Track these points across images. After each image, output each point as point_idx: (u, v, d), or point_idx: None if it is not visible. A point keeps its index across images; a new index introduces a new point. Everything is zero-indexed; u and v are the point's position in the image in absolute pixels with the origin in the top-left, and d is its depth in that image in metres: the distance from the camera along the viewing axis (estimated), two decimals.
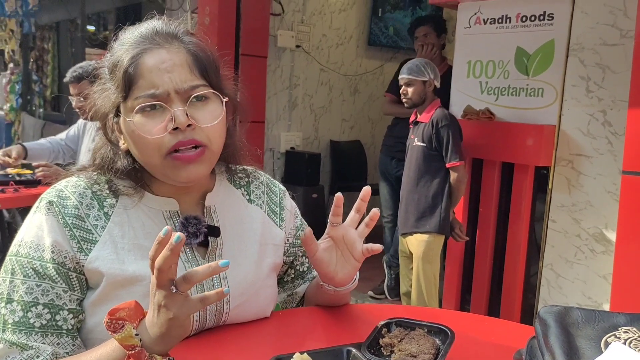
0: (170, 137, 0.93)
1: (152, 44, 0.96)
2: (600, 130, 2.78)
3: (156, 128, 0.93)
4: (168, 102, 0.94)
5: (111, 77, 0.98)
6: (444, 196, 2.95)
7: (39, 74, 6.18)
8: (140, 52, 0.94)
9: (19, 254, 0.94)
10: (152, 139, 0.93)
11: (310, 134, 5.32)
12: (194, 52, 0.98)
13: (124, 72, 0.94)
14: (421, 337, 0.93)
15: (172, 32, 0.99)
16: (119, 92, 0.95)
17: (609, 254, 2.75)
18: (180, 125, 0.92)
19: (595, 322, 0.85)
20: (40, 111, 6.05)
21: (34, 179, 2.82)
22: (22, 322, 0.90)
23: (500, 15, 3.12)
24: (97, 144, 1.05)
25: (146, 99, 0.93)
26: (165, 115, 0.93)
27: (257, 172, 1.21)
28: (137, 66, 0.93)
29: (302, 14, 5.02)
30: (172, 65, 0.94)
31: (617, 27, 2.70)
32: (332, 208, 1.04)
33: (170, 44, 0.96)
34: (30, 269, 0.92)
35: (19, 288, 0.91)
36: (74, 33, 5.86)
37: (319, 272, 1.08)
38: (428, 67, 2.98)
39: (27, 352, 0.89)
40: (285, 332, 1.03)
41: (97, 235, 0.96)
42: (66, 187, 0.99)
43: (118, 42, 1.00)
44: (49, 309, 0.92)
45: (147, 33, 0.98)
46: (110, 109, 0.98)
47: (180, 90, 0.94)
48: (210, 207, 1.07)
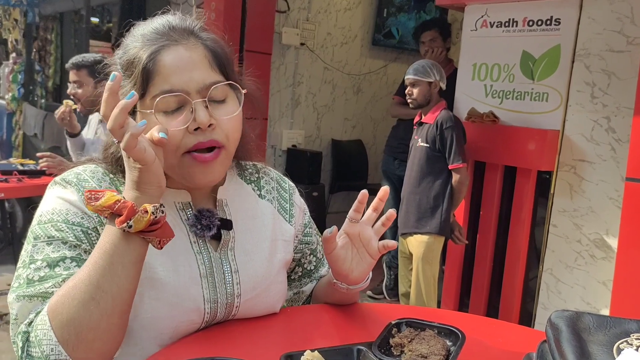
0: (190, 137, 0.93)
1: (169, 40, 0.95)
2: (604, 137, 2.79)
3: (175, 123, 0.92)
4: (189, 102, 0.93)
5: (127, 75, 0.96)
6: (446, 198, 2.96)
7: (41, 65, 6.16)
8: (158, 49, 0.93)
9: (41, 222, 0.92)
10: (172, 137, 0.91)
11: (312, 132, 5.32)
12: (211, 47, 0.97)
13: (142, 69, 0.92)
14: (432, 338, 0.93)
15: (188, 28, 0.98)
16: (137, 89, 0.93)
17: (609, 260, 2.76)
18: (202, 125, 0.92)
19: (606, 327, 0.86)
20: (42, 102, 6.04)
21: (37, 169, 2.81)
22: (49, 276, 0.88)
23: (507, 19, 3.12)
24: (107, 141, 1.04)
25: (166, 99, 0.92)
26: (187, 113, 0.93)
27: (266, 168, 1.21)
28: (156, 63, 0.92)
29: (308, 12, 5.02)
30: (191, 63, 0.94)
31: (624, 33, 2.71)
32: (354, 203, 1.04)
33: (187, 40, 0.96)
34: (55, 230, 0.91)
35: (43, 249, 0.90)
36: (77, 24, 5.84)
37: (334, 269, 1.08)
38: (434, 68, 2.99)
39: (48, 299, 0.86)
40: (294, 328, 1.03)
41: None
42: (84, 172, 0.99)
43: (130, 39, 0.98)
44: (77, 263, 0.90)
45: (162, 29, 0.96)
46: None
47: (200, 88, 0.93)
48: (222, 201, 1.08)
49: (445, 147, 2.91)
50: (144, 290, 0.94)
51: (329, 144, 5.45)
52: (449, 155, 2.91)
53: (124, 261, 0.83)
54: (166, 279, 0.94)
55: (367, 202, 1.07)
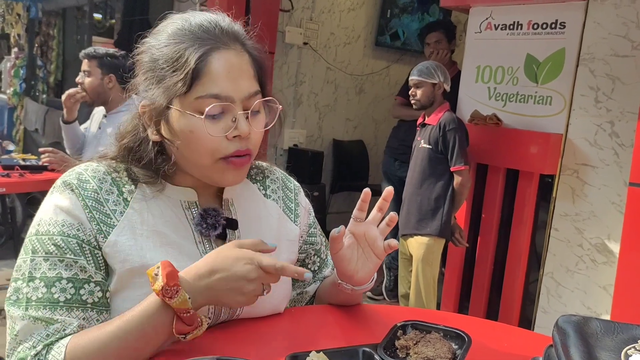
0: (228, 144, 0.95)
1: (218, 42, 0.94)
2: (607, 141, 2.79)
3: (216, 129, 0.93)
4: (232, 109, 0.94)
5: (171, 67, 0.94)
6: (447, 200, 2.95)
7: (43, 60, 6.15)
8: (209, 51, 0.93)
9: (39, 233, 0.93)
10: (210, 141, 0.93)
11: (314, 131, 5.32)
12: (256, 57, 0.99)
13: (192, 69, 0.91)
14: (437, 340, 0.93)
15: (236, 33, 0.98)
16: (182, 85, 0.92)
17: (610, 265, 2.76)
18: (243, 133, 0.94)
19: (614, 333, 0.85)
20: (44, 97, 6.03)
21: (39, 164, 2.80)
22: (46, 298, 0.89)
23: (512, 22, 3.12)
24: (124, 129, 1.03)
25: (212, 102, 0.92)
26: (228, 120, 0.94)
27: (272, 168, 1.21)
28: (206, 65, 0.92)
29: (312, 11, 5.02)
30: (240, 70, 0.95)
31: (629, 38, 2.70)
32: (358, 203, 1.04)
33: (235, 46, 0.96)
34: (52, 245, 0.91)
35: (41, 265, 0.90)
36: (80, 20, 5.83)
37: (339, 269, 1.07)
38: (439, 69, 2.98)
39: (53, 326, 0.87)
40: (298, 329, 1.03)
41: (116, 220, 0.95)
42: (85, 171, 0.98)
43: (173, 32, 0.96)
44: (72, 284, 0.90)
45: (211, 28, 0.95)
46: (165, 100, 0.94)
47: (245, 97, 0.95)
48: (228, 200, 1.07)
49: (448, 149, 2.91)
50: (148, 290, 0.93)
51: (331, 144, 5.45)
52: (451, 157, 2.91)
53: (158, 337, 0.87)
54: None
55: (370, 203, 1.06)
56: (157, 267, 0.85)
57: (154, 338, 0.86)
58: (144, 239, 0.96)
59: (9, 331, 0.89)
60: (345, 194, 5.46)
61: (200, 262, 0.89)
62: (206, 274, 0.87)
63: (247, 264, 0.88)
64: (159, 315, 0.85)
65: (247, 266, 0.87)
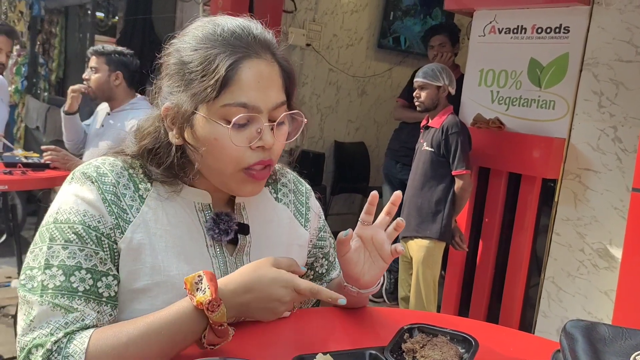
0: (251, 154, 0.94)
1: (250, 50, 0.93)
2: (610, 146, 2.78)
3: (241, 139, 0.93)
4: (258, 120, 0.93)
5: (201, 72, 0.92)
6: (447, 203, 2.95)
7: (45, 58, 6.15)
8: (240, 59, 0.92)
9: (58, 221, 0.91)
10: (235, 150, 0.92)
11: (315, 133, 5.32)
12: (285, 68, 0.98)
13: (222, 76, 0.90)
14: (444, 344, 0.93)
15: (268, 42, 0.97)
16: (210, 91, 0.91)
17: (612, 270, 2.76)
18: (267, 145, 0.94)
19: (622, 338, 0.85)
20: (45, 95, 6.02)
21: (41, 162, 2.80)
22: (64, 287, 0.87)
23: (516, 26, 3.12)
24: (144, 129, 1.01)
25: (239, 111, 0.91)
26: (253, 130, 0.93)
27: (284, 170, 1.20)
28: (236, 73, 0.91)
29: (315, 13, 5.02)
30: (270, 81, 0.94)
31: (633, 43, 2.70)
32: (365, 206, 1.04)
33: (266, 55, 0.95)
34: (72, 233, 0.90)
35: (59, 253, 0.88)
36: (83, 18, 5.83)
37: (346, 272, 1.07)
38: (444, 72, 2.99)
39: (72, 314, 0.86)
40: (304, 331, 1.02)
41: (132, 215, 0.95)
42: (103, 165, 0.97)
43: (204, 37, 0.94)
44: (91, 275, 0.89)
45: (244, 35, 0.94)
46: (191, 105, 0.93)
47: (271, 108, 0.94)
48: (240, 204, 1.07)
49: (450, 152, 2.90)
50: (159, 294, 0.93)
51: (332, 145, 5.45)
52: (452, 161, 2.91)
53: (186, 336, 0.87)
54: (180, 282, 0.93)
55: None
56: (198, 276, 0.85)
57: (181, 343, 0.86)
58: (157, 238, 0.96)
59: (24, 317, 0.86)
60: (346, 195, 5.46)
61: (237, 276, 0.89)
62: (242, 291, 0.87)
63: (283, 287, 0.88)
64: (194, 324, 0.85)
65: (283, 290, 0.88)
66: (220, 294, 0.84)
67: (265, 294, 0.87)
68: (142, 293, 0.93)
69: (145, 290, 0.93)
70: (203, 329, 0.85)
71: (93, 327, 0.87)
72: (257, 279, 0.88)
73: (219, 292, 0.84)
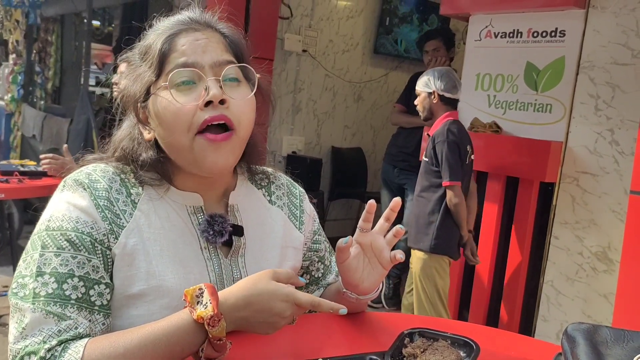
0: (201, 113, 0.92)
1: (185, 26, 0.97)
2: (607, 149, 2.79)
3: (189, 100, 0.92)
4: (203, 79, 0.93)
5: (143, 59, 0.98)
6: (440, 215, 2.79)
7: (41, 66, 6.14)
8: (175, 33, 0.96)
9: (50, 228, 0.90)
10: (183, 113, 0.92)
11: (312, 138, 5.32)
12: (228, 35, 1.00)
13: (158, 50, 0.94)
14: (445, 348, 0.92)
15: (208, 21, 1.00)
16: (152, 70, 0.95)
17: (611, 273, 2.75)
18: (214, 98, 0.92)
19: (624, 341, 0.84)
20: (42, 103, 6.01)
21: (38, 170, 2.79)
22: (56, 294, 0.85)
23: (512, 30, 3.12)
24: (118, 134, 1.03)
25: (180, 72, 0.93)
26: (199, 90, 0.93)
27: (277, 174, 1.20)
28: (171, 43, 0.94)
29: (310, 19, 5.03)
30: (207, 42, 0.96)
31: (629, 46, 2.71)
32: (363, 214, 1.03)
33: (206, 29, 0.98)
34: (65, 240, 0.88)
35: (51, 260, 0.87)
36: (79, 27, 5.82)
37: (345, 279, 1.06)
38: (435, 77, 2.86)
39: (65, 322, 0.84)
40: (303, 336, 1.01)
41: (125, 221, 0.94)
42: (94, 171, 0.97)
43: (151, 30, 1.00)
44: (84, 282, 0.88)
45: (183, 19, 0.99)
46: (141, 91, 0.96)
47: (214, 64, 0.94)
48: (234, 206, 1.06)
49: (440, 162, 2.78)
50: (155, 298, 0.92)
51: (329, 151, 5.44)
52: (443, 172, 2.77)
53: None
54: (176, 286, 0.92)
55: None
56: (199, 289, 0.84)
57: (179, 355, 0.85)
58: (152, 242, 0.95)
59: (16, 325, 0.84)
60: (344, 201, 5.45)
61: (236, 290, 0.87)
62: (242, 305, 0.86)
63: (283, 301, 0.87)
64: (192, 337, 0.84)
65: (284, 304, 0.87)
66: (220, 308, 0.83)
67: (265, 309, 0.86)
68: (138, 298, 0.92)
69: (141, 295, 0.92)
70: (201, 342, 0.84)
71: (86, 336, 0.85)
72: (257, 294, 0.86)
73: (220, 304, 0.83)
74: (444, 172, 2.75)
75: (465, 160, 2.81)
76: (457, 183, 2.72)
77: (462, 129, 2.84)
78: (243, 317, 0.86)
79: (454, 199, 2.73)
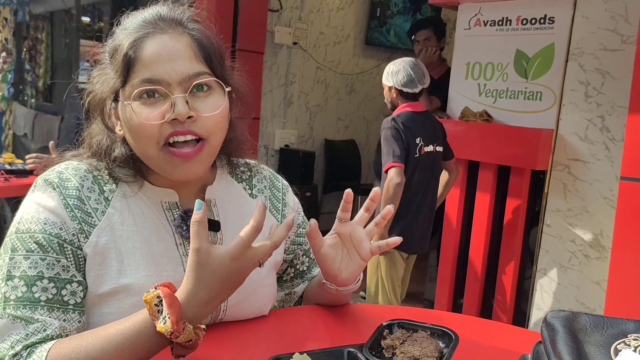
0: (167, 127, 0.90)
1: (155, 28, 0.92)
2: (598, 136, 2.78)
3: (153, 114, 0.89)
4: (168, 90, 0.90)
5: (111, 62, 0.94)
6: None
7: (31, 64, 6.11)
8: (142, 37, 0.91)
9: (19, 231, 0.89)
10: (148, 127, 0.89)
11: (305, 132, 5.30)
12: (198, 38, 0.94)
13: (123, 55, 0.90)
14: (424, 339, 0.91)
15: (177, 18, 0.96)
16: (118, 76, 0.92)
17: (604, 260, 2.75)
18: (180, 116, 0.89)
19: (603, 328, 0.83)
20: (32, 101, 5.98)
21: (25, 169, 2.77)
22: (26, 297, 0.85)
23: (501, 18, 3.10)
24: (92, 130, 1.01)
25: (145, 85, 0.89)
26: (165, 103, 0.90)
27: (260, 166, 1.18)
28: (137, 50, 0.90)
29: (300, 11, 5.00)
30: (174, 52, 0.91)
31: (618, 32, 2.69)
32: (341, 203, 1.02)
33: (174, 30, 0.93)
34: (33, 243, 0.88)
35: (21, 264, 0.87)
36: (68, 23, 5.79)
37: (323, 269, 1.05)
38: (391, 72, 2.84)
39: (32, 325, 0.84)
40: (284, 331, 1.00)
41: (97, 219, 0.93)
42: (66, 170, 0.96)
43: (120, 27, 0.96)
44: (54, 283, 0.87)
45: (151, 18, 0.94)
46: (108, 94, 0.94)
47: (182, 79, 0.90)
48: (211, 201, 1.04)
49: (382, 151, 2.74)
50: (126, 297, 0.91)
51: (322, 143, 5.43)
52: (382, 158, 2.73)
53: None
54: (148, 284, 0.91)
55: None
56: (157, 297, 0.78)
57: (145, 356, 0.82)
58: (124, 240, 0.93)
59: None
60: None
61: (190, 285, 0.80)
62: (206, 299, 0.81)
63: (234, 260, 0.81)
64: (157, 341, 0.80)
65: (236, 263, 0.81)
66: (183, 315, 0.79)
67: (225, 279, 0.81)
68: (109, 296, 0.91)
69: (112, 293, 0.91)
70: (168, 343, 0.81)
71: (57, 337, 0.85)
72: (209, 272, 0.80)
73: (182, 312, 0.79)
74: (383, 157, 2.71)
75: (414, 152, 2.75)
76: (398, 164, 2.65)
77: (412, 120, 2.77)
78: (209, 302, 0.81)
79: (396, 178, 2.62)
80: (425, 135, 2.79)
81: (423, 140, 2.78)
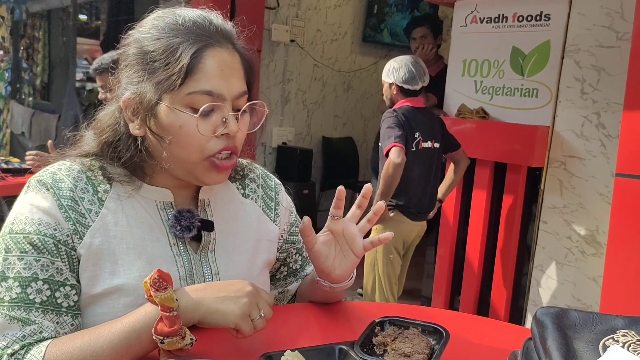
0: (216, 142, 0.93)
1: (212, 39, 0.92)
2: (594, 133, 2.78)
3: (207, 127, 0.92)
4: (222, 108, 0.93)
5: (164, 60, 0.90)
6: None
7: (29, 62, 6.10)
8: (203, 47, 0.91)
9: (13, 232, 0.89)
10: (200, 138, 0.92)
11: (302, 129, 5.30)
12: (247, 58, 0.98)
13: (187, 63, 0.89)
14: (415, 336, 0.91)
15: (228, 32, 0.96)
16: (175, 79, 0.89)
17: (599, 257, 2.76)
18: (232, 132, 0.93)
19: (592, 324, 0.84)
20: (30, 100, 5.98)
21: (21, 167, 2.77)
22: (20, 299, 0.86)
23: (497, 15, 3.11)
24: (103, 123, 0.99)
25: (204, 99, 0.90)
26: (218, 118, 0.93)
27: (252, 166, 1.18)
28: (200, 61, 0.90)
29: (297, 9, 4.99)
30: (232, 70, 0.94)
31: (614, 29, 2.69)
32: (333, 200, 1.03)
33: (227, 44, 0.94)
34: (28, 244, 0.88)
35: (15, 265, 0.87)
36: (65, 22, 5.79)
37: (316, 266, 1.06)
38: (393, 68, 2.85)
39: (29, 327, 0.85)
40: (275, 328, 1.01)
41: (91, 220, 0.93)
42: (60, 170, 0.95)
43: (165, 26, 0.93)
44: (49, 285, 0.88)
45: (205, 25, 0.93)
46: (155, 94, 0.91)
47: (234, 97, 0.94)
48: (204, 201, 1.05)
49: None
50: (120, 297, 0.92)
51: (320, 141, 5.43)
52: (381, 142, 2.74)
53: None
54: (141, 284, 0.91)
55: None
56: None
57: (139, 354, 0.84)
58: (118, 240, 0.94)
59: None
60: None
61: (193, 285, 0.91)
62: (201, 287, 0.89)
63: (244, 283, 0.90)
64: (149, 345, 0.84)
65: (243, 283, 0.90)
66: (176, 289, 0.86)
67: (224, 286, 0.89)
68: (102, 297, 0.92)
69: (106, 294, 0.92)
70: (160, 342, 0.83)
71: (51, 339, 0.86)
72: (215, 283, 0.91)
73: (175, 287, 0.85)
74: (383, 142, 2.71)
75: (412, 146, 2.76)
76: (398, 144, 2.65)
77: (412, 115, 2.79)
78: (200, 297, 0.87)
79: (396, 158, 2.62)
80: (424, 131, 2.81)
81: (421, 136, 2.79)
